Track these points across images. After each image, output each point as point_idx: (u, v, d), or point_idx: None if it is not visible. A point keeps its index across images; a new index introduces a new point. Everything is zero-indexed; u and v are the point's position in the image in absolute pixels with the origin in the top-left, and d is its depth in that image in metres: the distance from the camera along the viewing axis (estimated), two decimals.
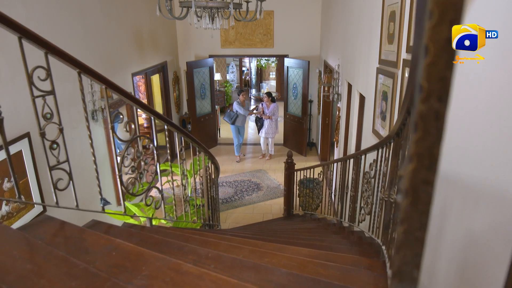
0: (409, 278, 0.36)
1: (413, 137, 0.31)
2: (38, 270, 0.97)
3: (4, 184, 2.94)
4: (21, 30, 1.24)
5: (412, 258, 0.35)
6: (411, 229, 0.34)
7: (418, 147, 0.31)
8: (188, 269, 1.17)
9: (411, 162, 0.32)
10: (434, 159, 0.31)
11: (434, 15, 0.28)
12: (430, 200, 0.33)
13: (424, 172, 0.32)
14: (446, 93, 0.30)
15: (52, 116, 1.41)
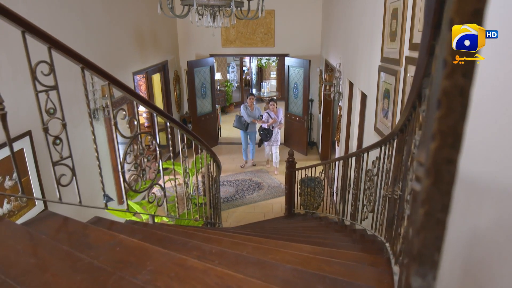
0: (430, 262, 0.35)
1: (436, 114, 0.31)
2: (43, 264, 0.96)
3: (5, 182, 2.93)
4: (25, 24, 1.24)
5: (433, 241, 0.34)
6: (433, 210, 0.33)
7: (441, 124, 0.31)
8: (193, 264, 1.16)
9: (433, 141, 0.31)
10: (458, 137, 0.30)
11: None
12: (453, 180, 0.32)
13: (448, 150, 0.31)
14: (471, 68, 0.29)
15: (55, 112, 1.40)
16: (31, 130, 3.12)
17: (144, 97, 1.93)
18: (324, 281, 1.29)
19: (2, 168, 2.87)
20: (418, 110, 1.11)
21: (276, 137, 7.34)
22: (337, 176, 4.62)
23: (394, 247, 1.56)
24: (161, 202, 2.18)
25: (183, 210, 2.93)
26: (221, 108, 11.36)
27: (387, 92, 3.12)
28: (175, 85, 7.94)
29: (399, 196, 1.63)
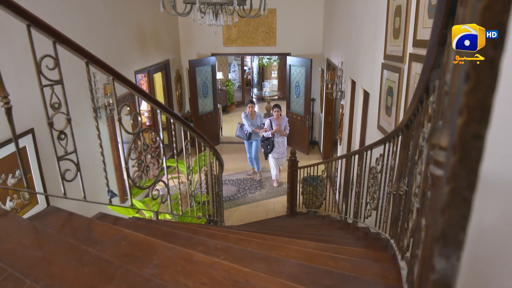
0: (454, 242, 0.34)
1: (464, 88, 0.30)
2: (49, 257, 0.96)
3: (8, 180, 2.93)
4: (30, 18, 1.23)
5: (458, 220, 0.33)
6: (459, 188, 0.32)
7: (469, 99, 0.30)
8: (199, 259, 1.16)
9: (460, 116, 0.31)
10: (487, 112, 0.30)
11: None
12: (480, 157, 0.31)
13: (475, 126, 0.30)
14: (502, 39, 0.28)
15: (60, 106, 1.40)
16: (33, 128, 3.12)
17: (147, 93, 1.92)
18: (331, 276, 1.28)
19: (5, 166, 2.87)
20: (426, 103, 1.10)
21: (281, 148, 6.45)
22: (339, 175, 4.61)
23: (400, 243, 1.55)
24: (164, 198, 2.18)
25: (186, 208, 2.92)
26: (223, 108, 11.36)
27: (390, 90, 3.12)
28: (176, 84, 7.94)
29: (405, 192, 1.62)
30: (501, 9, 0.28)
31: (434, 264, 0.35)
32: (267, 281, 1.06)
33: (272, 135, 6.31)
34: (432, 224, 0.39)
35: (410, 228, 1.10)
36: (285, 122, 6.46)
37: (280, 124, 6.35)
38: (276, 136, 6.37)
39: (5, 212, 1.21)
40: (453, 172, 0.32)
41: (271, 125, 6.32)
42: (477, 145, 0.31)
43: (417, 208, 0.95)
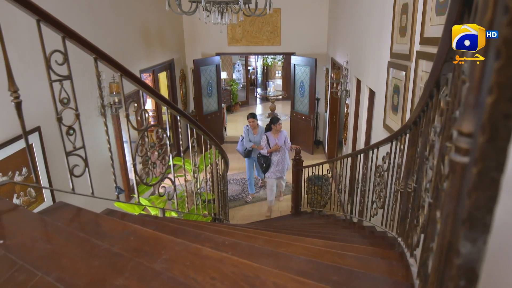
0: (481, 225, 0.34)
1: (495, 65, 0.29)
2: (60, 250, 0.96)
3: (15, 177, 2.95)
4: (40, 13, 1.24)
5: (485, 202, 0.33)
6: (487, 169, 0.32)
7: (500, 76, 0.29)
8: (208, 254, 1.15)
9: (490, 94, 0.30)
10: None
11: None
12: (510, 136, 0.31)
13: (506, 104, 0.30)
14: None
15: (69, 101, 1.40)
16: (40, 126, 3.14)
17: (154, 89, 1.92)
18: (339, 272, 1.28)
19: (12, 164, 2.89)
20: (437, 97, 1.09)
21: (279, 166, 5.57)
22: (344, 174, 4.59)
23: (408, 240, 1.54)
24: (171, 196, 2.18)
25: (191, 206, 2.92)
26: (227, 107, 11.36)
27: (396, 88, 3.10)
28: (181, 83, 7.96)
29: (413, 189, 1.61)
30: None
31: (459, 248, 0.35)
32: (276, 276, 1.05)
33: (269, 154, 5.55)
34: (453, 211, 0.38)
35: (421, 224, 1.09)
36: (284, 137, 5.57)
37: (278, 140, 5.52)
38: (274, 154, 5.54)
39: (15, 206, 1.22)
40: (481, 153, 0.32)
41: (268, 142, 5.51)
42: (508, 124, 0.30)
43: (429, 202, 0.94)
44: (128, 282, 0.85)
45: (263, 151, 5.55)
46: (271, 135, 5.56)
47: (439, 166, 0.85)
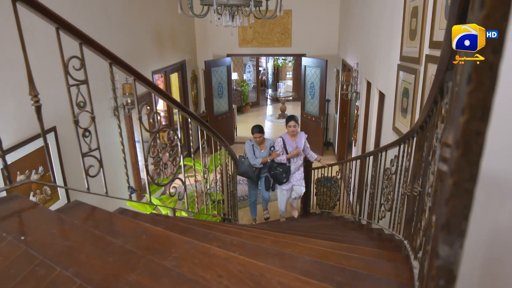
0: (458, 230, 0.37)
1: (467, 89, 0.33)
2: (76, 247, 1.02)
3: (32, 176, 3.05)
4: (59, 21, 1.30)
5: (461, 209, 0.36)
6: (461, 180, 0.35)
7: (471, 98, 0.33)
8: (215, 252, 1.20)
9: (463, 114, 0.34)
10: (487, 110, 0.33)
11: None
12: (481, 151, 0.34)
13: (477, 123, 0.33)
14: (500, 45, 0.31)
15: (85, 105, 1.47)
16: (55, 126, 3.24)
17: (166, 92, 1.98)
18: (343, 273, 1.31)
19: (29, 163, 2.99)
20: (440, 104, 1.12)
21: (298, 175, 4.84)
22: (354, 176, 4.60)
23: (413, 243, 1.57)
24: (181, 196, 2.23)
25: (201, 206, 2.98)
26: (237, 108, 11.43)
27: (406, 91, 3.11)
28: (192, 84, 8.05)
29: (418, 193, 1.63)
30: (500, 18, 0.31)
31: (438, 251, 0.39)
32: (281, 275, 1.09)
33: (287, 160, 4.65)
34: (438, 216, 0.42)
35: (423, 227, 1.12)
36: (304, 139, 4.78)
37: (297, 143, 4.67)
38: (294, 161, 4.71)
39: (35, 204, 1.28)
40: (456, 166, 0.35)
41: (285, 146, 4.62)
42: (479, 141, 0.34)
43: (429, 206, 0.97)
44: (140, 278, 0.90)
45: (280, 158, 4.63)
46: (288, 137, 4.71)
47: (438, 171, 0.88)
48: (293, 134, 4.67)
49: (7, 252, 0.97)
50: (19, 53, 1.26)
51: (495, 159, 1.46)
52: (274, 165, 4.73)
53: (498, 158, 1.43)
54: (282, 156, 4.64)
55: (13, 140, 2.76)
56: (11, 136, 2.75)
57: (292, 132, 4.64)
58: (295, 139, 4.74)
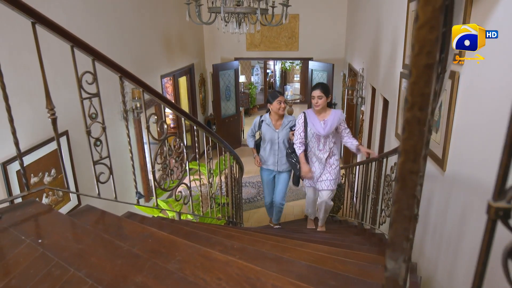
0: (400, 248, 0.46)
1: (402, 136, 0.42)
2: (88, 250, 1.12)
3: (45, 178, 3.18)
4: (74, 40, 1.41)
5: (402, 231, 0.45)
6: (401, 208, 0.44)
7: (405, 144, 0.41)
8: (216, 257, 1.29)
9: (400, 157, 0.42)
10: (418, 154, 0.41)
11: (415, 48, 0.38)
12: (415, 186, 0.43)
13: (410, 164, 0.42)
14: (425, 104, 0.40)
15: (97, 116, 1.57)
16: (68, 130, 3.37)
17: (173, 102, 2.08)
18: (336, 278, 1.39)
19: (42, 165, 3.12)
20: None
21: (330, 170, 3.49)
22: (357, 181, 4.66)
23: None
24: (186, 200, 2.33)
25: (206, 209, 3.08)
26: (245, 110, 11.54)
27: None
28: (200, 87, 8.17)
29: None
30: (423, 85, 0.40)
31: (386, 265, 0.47)
32: (275, 279, 1.18)
33: (301, 146, 3.43)
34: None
35: None
36: (338, 120, 3.43)
37: (326, 123, 3.35)
38: (318, 148, 3.42)
39: (50, 209, 1.39)
40: (397, 197, 0.44)
41: (305, 126, 3.42)
42: (413, 178, 0.43)
43: None
44: (146, 280, 1.00)
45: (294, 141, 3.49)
46: (313, 113, 3.44)
47: None
48: (319, 109, 3.35)
49: (26, 254, 1.07)
50: (35, 59, 1.37)
51: (489, 170, 1.53)
52: (289, 152, 3.65)
53: (492, 168, 1.49)
54: (298, 139, 3.45)
55: (28, 143, 2.89)
56: (27, 140, 2.88)
57: (317, 105, 3.32)
58: (325, 116, 3.39)
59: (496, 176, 0.44)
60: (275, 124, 3.75)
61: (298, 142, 3.47)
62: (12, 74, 2.64)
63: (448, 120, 2.24)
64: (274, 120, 3.75)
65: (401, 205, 0.44)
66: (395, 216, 0.45)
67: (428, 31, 0.38)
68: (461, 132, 1.99)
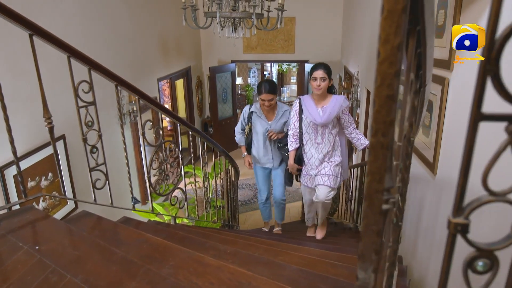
0: (369, 260, 0.50)
1: (368, 159, 0.46)
2: (85, 256, 1.15)
3: (42, 181, 3.21)
4: (70, 50, 1.45)
5: (370, 244, 0.49)
6: (369, 224, 0.48)
7: (371, 166, 0.46)
8: (209, 262, 1.33)
9: (367, 177, 0.46)
10: (382, 176, 0.45)
11: (377, 80, 0.43)
12: (381, 204, 0.47)
13: (376, 184, 0.46)
14: (388, 131, 0.44)
15: (93, 124, 1.61)
16: (65, 134, 3.39)
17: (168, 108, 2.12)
18: (326, 282, 1.43)
19: (39, 169, 3.15)
20: None
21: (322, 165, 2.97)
22: (352, 183, 4.70)
23: None
24: (182, 204, 2.37)
25: (202, 212, 3.11)
26: None
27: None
28: (197, 90, 8.21)
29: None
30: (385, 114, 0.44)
31: (357, 275, 0.51)
32: (266, 283, 1.22)
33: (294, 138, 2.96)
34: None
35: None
36: (340, 107, 2.91)
37: (326, 109, 2.85)
38: (314, 140, 2.92)
39: (46, 215, 1.42)
40: (364, 213, 0.48)
41: (300, 114, 2.94)
42: (378, 197, 0.47)
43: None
44: (140, 285, 1.04)
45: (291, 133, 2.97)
46: (311, 99, 2.95)
47: None
48: (320, 93, 2.83)
49: (24, 260, 1.11)
50: (32, 65, 1.40)
51: None
52: (280, 145, 3.20)
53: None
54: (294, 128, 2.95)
55: (25, 148, 2.92)
56: (24, 144, 2.90)
57: (319, 88, 2.81)
58: (324, 102, 2.89)
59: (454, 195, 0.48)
60: (267, 115, 3.25)
61: (291, 133, 2.95)
62: (10, 79, 2.67)
63: (438, 125, 2.24)
64: (265, 110, 3.22)
65: (369, 221, 0.48)
66: (364, 231, 0.49)
67: (388, 66, 0.42)
68: (451, 136, 2.03)
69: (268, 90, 3.13)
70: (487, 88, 0.43)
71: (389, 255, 0.87)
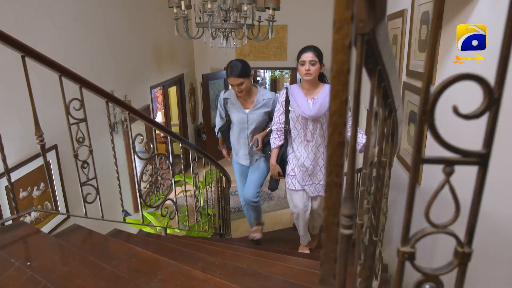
0: (329, 283, 0.56)
1: (325, 196, 0.52)
2: (75, 272, 1.19)
3: (33, 192, 3.23)
4: (62, 70, 1.49)
5: (329, 270, 0.55)
6: (327, 252, 0.54)
7: (327, 203, 0.52)
8: (196, 275, 1.38)
9: (324, 211, 0.52)
10: (337, 211, 0.51)
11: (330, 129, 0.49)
12: (336, 235, 0.53)
13: (332, 217, 0.52)
14: (340, 172, 0.50)
15: (84, 140, 1.65)
16: (57, 144, 3.42)
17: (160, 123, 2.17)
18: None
19: (31, 180, 3.16)
20: None
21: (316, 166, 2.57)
22: None
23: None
24: (172, 215, 2.41)
25: (193, 221, 3.15)
26: None
27: None
28: (190, 97, 8.25)
29: None
30: (337, 158, 0.50)
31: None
32: None
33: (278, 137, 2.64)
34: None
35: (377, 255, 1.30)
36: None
37: (316, 101, 2.54)
38: (306, 136, 2.53)
39: (37, 231, 1.46)
40: (323, 243, 0.54)
41: (286, 106, 2.61)
42: (334, 228, 0.53)
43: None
44: None
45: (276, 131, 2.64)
46: (299, 89, 2.65)
47: None
48: (310, 79, 2.54)
49: (15, 277, 1.15)
50: (23, 77, 1.44)
51: None
52: (265, 142, 2.78)
53: None
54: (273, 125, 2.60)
55: (17, 158, 2.94)
56: (15, 155, 2.93)
57: (308, 73, 2.53)
58: (314, 93, 2.55)
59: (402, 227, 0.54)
60: (243, 103, 2.77)
61: (275, 128, 2.56)
62: (2, 90, 2.70)
63: None
64: (240, 97, 2.72)
65: (327, 250, 0.54)
66: (323, 258, 0.55)
67: (338, 118, 0.48)
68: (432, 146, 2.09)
69: (235, 72, 2.67)
70: None
71: (360, 272, 0.93)
